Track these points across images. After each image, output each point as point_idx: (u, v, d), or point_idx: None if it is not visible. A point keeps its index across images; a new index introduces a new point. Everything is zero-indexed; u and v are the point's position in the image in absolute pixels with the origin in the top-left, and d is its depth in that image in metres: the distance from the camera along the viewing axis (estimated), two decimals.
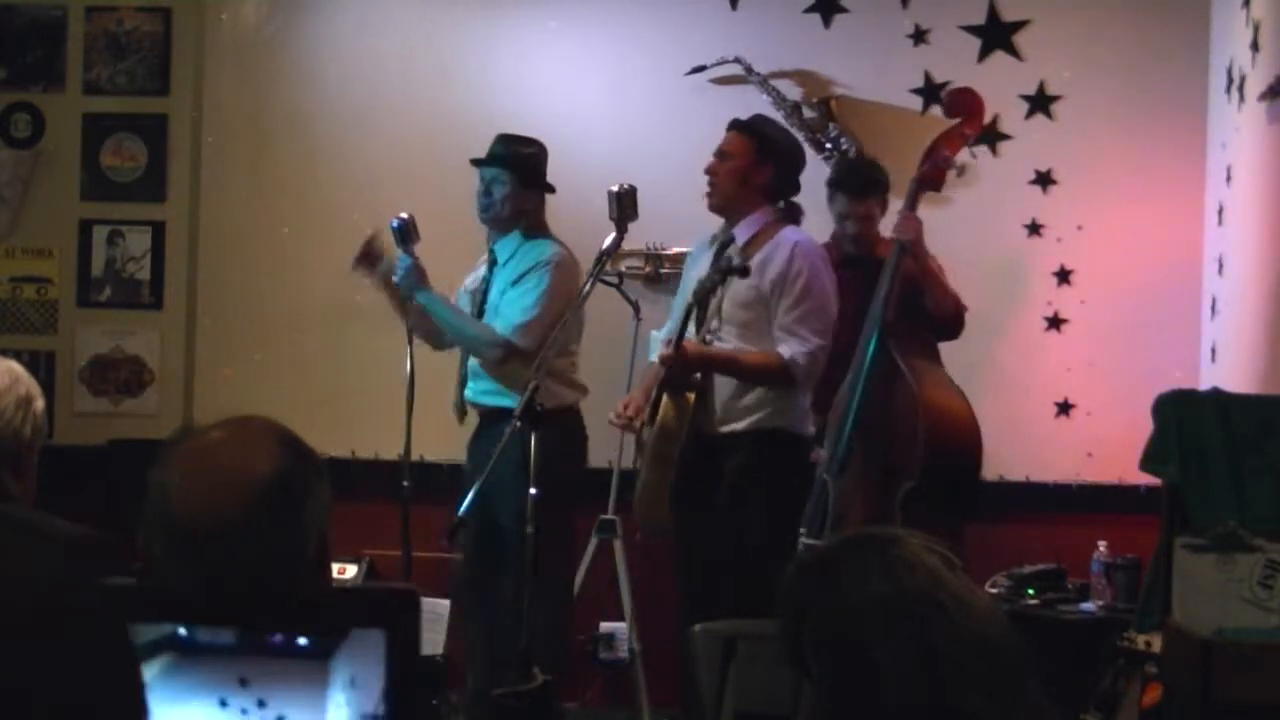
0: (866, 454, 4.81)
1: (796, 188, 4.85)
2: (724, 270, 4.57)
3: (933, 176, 4.95)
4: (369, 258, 5.00)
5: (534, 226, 5.00)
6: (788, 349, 4.65)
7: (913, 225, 4.88)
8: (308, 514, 1.79)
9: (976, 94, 5.08)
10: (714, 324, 4.73)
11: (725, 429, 4.71)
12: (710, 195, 4.81)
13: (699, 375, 4.70)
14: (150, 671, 1.45)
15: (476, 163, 5.02)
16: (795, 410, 4.77)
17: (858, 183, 5.25)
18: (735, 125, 4.86)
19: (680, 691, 4.33)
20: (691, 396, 4.67)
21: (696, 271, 4.86)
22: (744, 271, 4.55)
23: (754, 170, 4.76)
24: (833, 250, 5.21)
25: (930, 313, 4.99)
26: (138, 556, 3.94)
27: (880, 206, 5.24)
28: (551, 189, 5.03)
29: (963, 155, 5.24)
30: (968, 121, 5.02)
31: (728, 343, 4.72)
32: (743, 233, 4.76)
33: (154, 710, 1.09)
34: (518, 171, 4.94)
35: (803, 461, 4.81)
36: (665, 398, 4.69)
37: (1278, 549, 3.64)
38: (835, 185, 5.28)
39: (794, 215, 4.85)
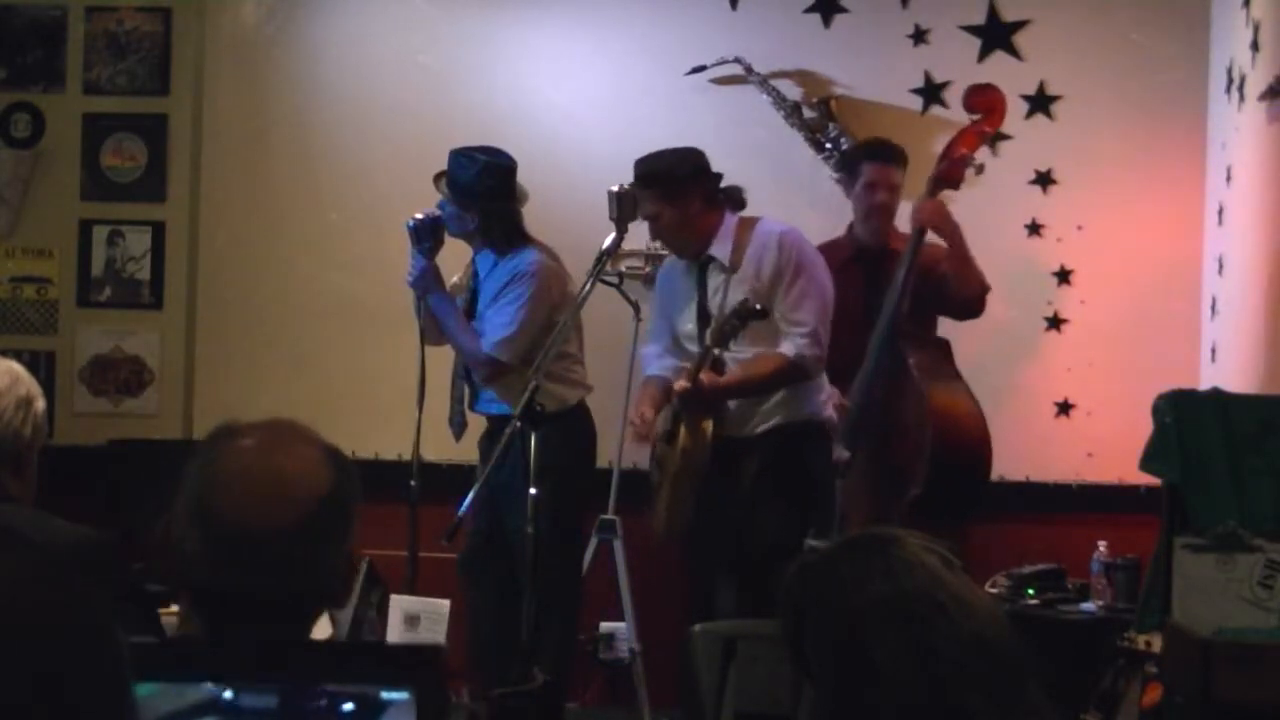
0: (872, 455, 4.81)
1: (719, 176, 4.85)
2: (741, 315, 4.58)
3: (950, 174, 4.93)
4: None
5: (508, 237, 4.94)
6: (790, 346, 4.68)
7: (932, 208, 4.87)
8: (350, 528, 1.82)
9: (998, 90, 5.06)
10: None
11: (746, 432, 4.74)
12: (676, 253, 4.89)
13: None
14: None
15: (437, 183, 5.02)
16: (812, 399, 4.80)
17: (887, 150, 5.21)
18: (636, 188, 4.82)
19: (680, 691, 4.33)
20: (709, 424, 4.71)
21: (685, 287, 4.87)
22: (763, 313, 4.57)
23: (684, 210, 4.77)
24: (845, 245, 5.20)
25: (956, 291, 4.98)
26: (139, 556, 3.93)
27: (902, 176, 5.20)
28: (508, 202, 4.93)
29: (981, 153, 5.23)
30: (987, 118, 5.00)
31: (743, 352, 4.73)
32: (721, 248, 4.78)
33: None
34: (453, 192, 4.91)
35: (827, 447, 4.79)
36: (683, 425, 4.72)
37: (1278, 549, 3.64)
38: (862, 156, 5.23)
39: (737, 202, 4.86)
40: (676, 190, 4.77)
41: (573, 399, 4.93)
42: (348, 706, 1.52)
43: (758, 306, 4.57)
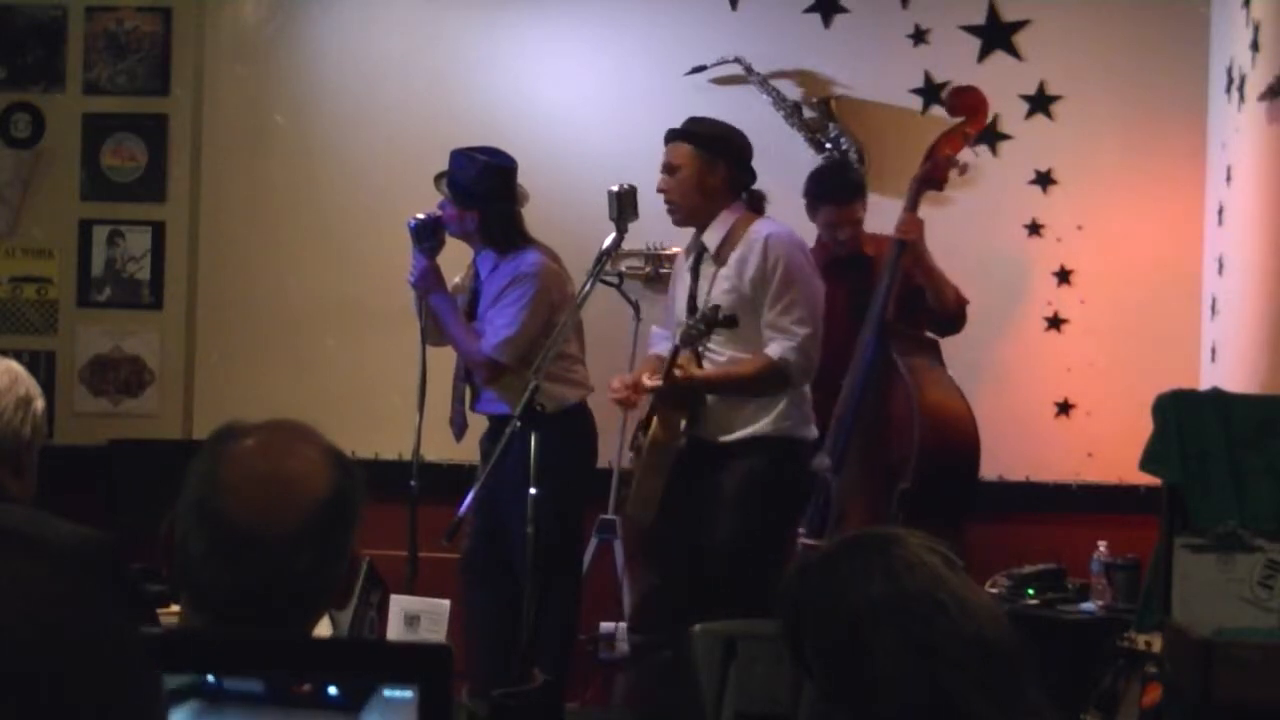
0: (865, 454, 4.81)
1: (753, 176, 4.81)
2: (709, 321, 4.52)
3: (934, 175, 4.95)
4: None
5: (508, 238, 4.94)
6: (776, 348, 4.62)
7: (915, 225, 4.88)
8: (352, 530, 1.82)
9: (980, 92, 5.08)
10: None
11: (726, 437, 4.70)
12: (672, 213, 4.77)
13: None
14: (177, 718, 1.46)
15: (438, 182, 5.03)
16: (797, 414, 4.74)
17: (841, 190, 5.21)
18: (673, 135, 4.79)
19: (681, 691, 4.33)
20: (682, 420, 4.66)
21: (682, 284, 4.86)
22: (731, 322, 4.52)
23: (706, 174, 4.71)
24: (821, 251, 5.22)
25: (932, 309, 4.99)
26: (139, 556, 3.93)
27: (863, 206, 5.23)
28: (509, 203, 4.93)
29: (965, 154, 5.24)
30: (970, 120, 5.03)
31: (721, 353, 4.69)
32: (713, 238, 4.73)
33: None
34: (453, 192, 4.91)
35: (806, 467, 4.79)
36: (656, 416, 4.68)
37: (1278, 549, 3.64)
38: (817, 197, 5.22)
39: (757, 205, 4.83)
40: (711, 152, 4.72)
41: (573, 399, 4.93)
42: (332, 691, 1.51)
43: (725, 315, 4.52)
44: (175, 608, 1.91)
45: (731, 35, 5.89)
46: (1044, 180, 5.81)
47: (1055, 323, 5.80)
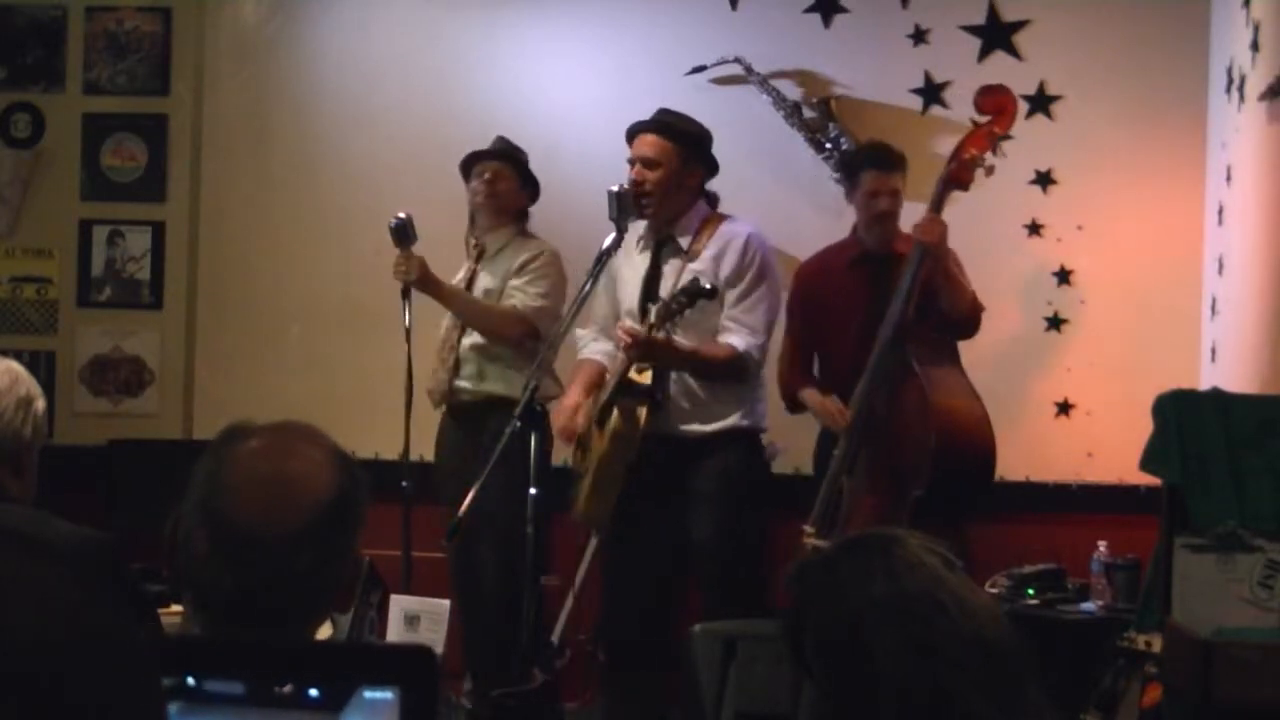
0: (876, 456, 4.80)
1: (716, 170, 4.89)
2: (690, 294, 4.50)
3: (960, 176, 4.91)
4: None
5: (522, 219, 5.20)
6: (741, 340, 4.65)
7: (937, 228, 4.83)
8: (355, 532, 1.82)
9: (1008, 92, 5.07)
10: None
11: (701, 429, 4.71)
12: (646, 207, 4.74)
13: (650, 383, 4.67)
14: None
15: (484, 155, 5.16)
16: (761, 406, 4.86)
17: (886, 157, 5.14)
18: (651, 128, 4.82)
19: (680, 691, 4.33)
20: (643, 411, 4.64)
21: (636, 264, 4.85)
22: (711, 293, 4.51)
23: (685, 174, 4.78)
24: (849, 248, 5.17)
25: (946, 313, 4.97)
26: (138, 556, 3.92)
27: (903, 180, 5.15)
28: (537, 195, 5.22)
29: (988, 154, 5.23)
30: (997, 120, 5.00)
31: (683, 339, 4.71)
32: (684, 232, 4.77)
33: None
34: (519, 168, 5.15)
35: (765, 459, 4.93)
36: (615, 410, 4.65)
37: (1278, 549, 3.64)
38: (861, 164, 5.13)
39: (713, 201, 4.89)
40: (694, 154, 4.77)
41: (556, 393, 4.96)
42: (313, 692, 1.51)
43: (707, 286, 4.50)
44: (176, 608, 1.91)
45: (731, 35, 5.88)
46: (1044, 180, 5.81)
47: (1055, 323, 5.80)
